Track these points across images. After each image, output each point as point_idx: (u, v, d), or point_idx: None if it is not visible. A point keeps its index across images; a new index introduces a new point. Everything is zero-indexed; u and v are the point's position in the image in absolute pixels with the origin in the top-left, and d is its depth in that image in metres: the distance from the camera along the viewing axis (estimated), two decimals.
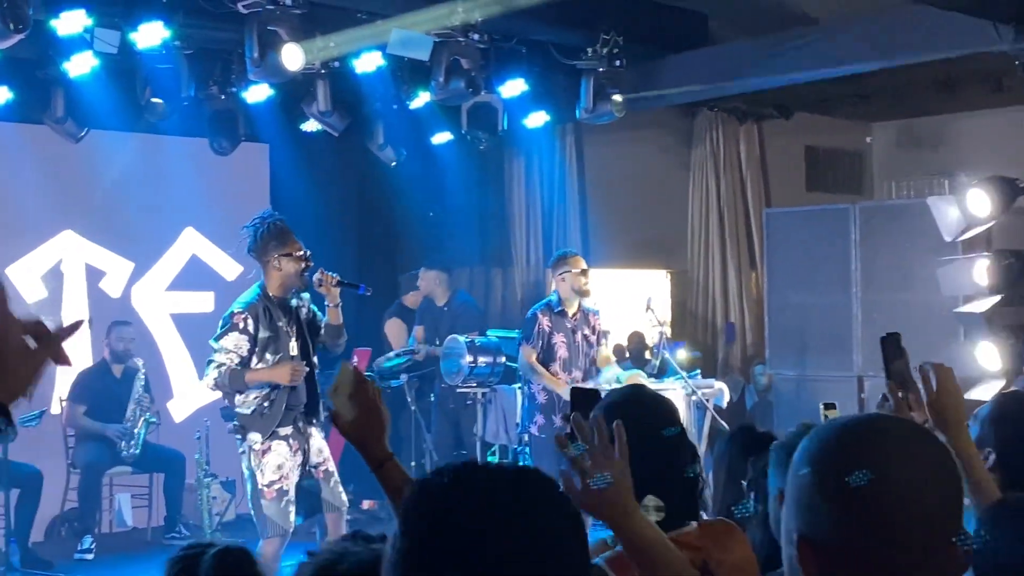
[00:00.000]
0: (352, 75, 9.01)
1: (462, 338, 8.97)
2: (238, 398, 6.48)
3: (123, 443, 8.84)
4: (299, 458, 6.53)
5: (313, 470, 6.59)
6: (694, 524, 2.86)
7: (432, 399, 9.83)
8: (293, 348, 6.60)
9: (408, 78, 9.36)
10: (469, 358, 8.94)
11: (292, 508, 6.43)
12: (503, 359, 9.01)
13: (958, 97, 12.13)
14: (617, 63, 9.31)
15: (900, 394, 3.20)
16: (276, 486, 6.40)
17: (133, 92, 8.79)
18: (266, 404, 6.43)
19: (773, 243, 10.00)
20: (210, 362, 6.44)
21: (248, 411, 6.44)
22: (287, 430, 6.48)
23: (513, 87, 9.48)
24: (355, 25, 8.49)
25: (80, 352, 9.11)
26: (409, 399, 9.46)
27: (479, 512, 1.43)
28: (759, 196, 13.38)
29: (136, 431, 8.87)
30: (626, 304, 11.29)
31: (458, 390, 9.20)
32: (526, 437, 8.44)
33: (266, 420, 6.42)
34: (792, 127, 13.63)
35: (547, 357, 8.14)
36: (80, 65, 8.10)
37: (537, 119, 10.27)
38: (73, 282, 9.68)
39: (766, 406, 9.96)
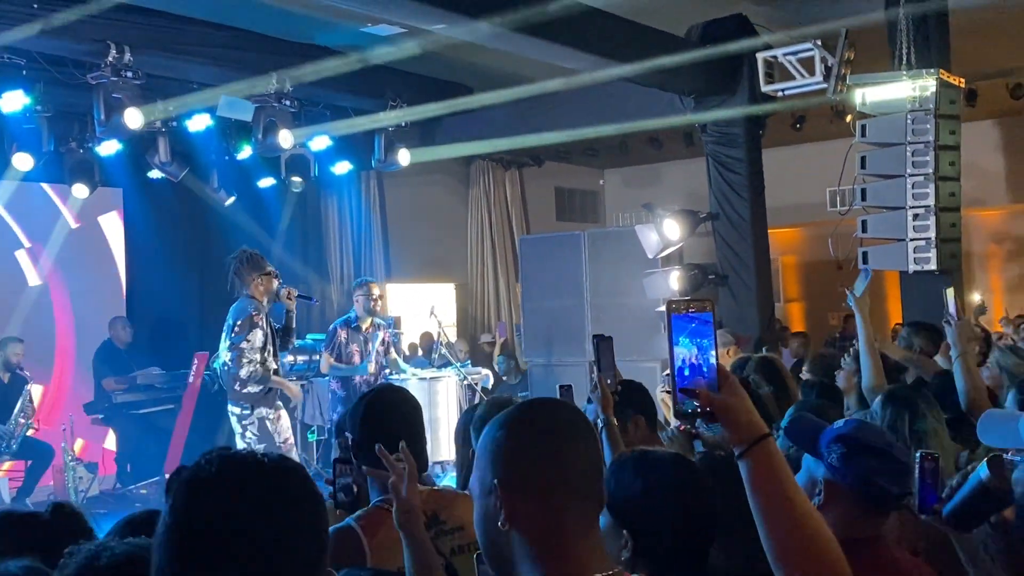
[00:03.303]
0: (187, 132, 8.70)
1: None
2: (251, 386, 6.51)
3: (3, 444, 8.27)
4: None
5: (283, 444, 6.66)
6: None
7: None
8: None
9: (234, 134, 9.10)
10: (291, 357, 8.80)
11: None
12: (318, 357, 8.82)
13: (663, 150, 12.55)
14: (402, 124, 9.27)
15: (609, 382, 3.27)
16: (290, 442, 6.71)
17: (2, 146, 8.28)
18: (268, 387, 6.61)
19: (526, 261, 10.09)
20: (240, 355, 6.43)
21: (256, 390, 6.50)
22: (280, 405, 6.75)
23: (320, 142, 9.32)
24: (189, 92, 8.24)
25: None
26: None
27: (237, 497, 1.34)
28: (521, 225, 13.54)
29: (17, 433, 8.31)
30: (420, 311, 11.23)
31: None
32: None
33: (269, 398, 6.58)
34: (544, 172, 13.86)
35: (343, 361, 8.00)
36: None
37: (342, 167, 10.13)
38: None
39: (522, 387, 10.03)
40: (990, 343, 5.52)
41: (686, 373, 1.50)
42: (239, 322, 6.52)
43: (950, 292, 4.03)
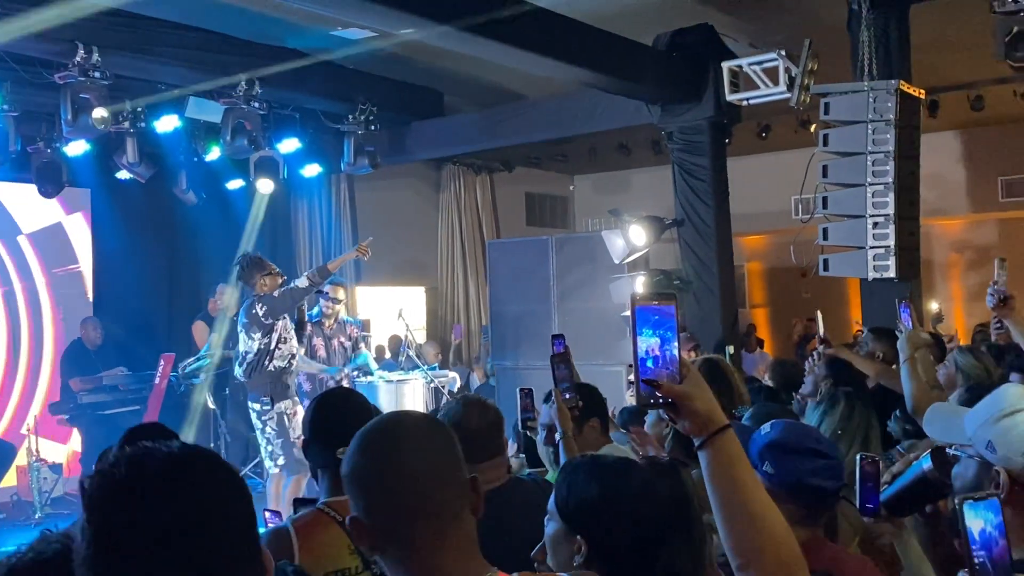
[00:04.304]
0: (155, 133, 8.67)
1: None
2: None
3: None
4: None
5: (297, 440, 6.80)
6: None
7: (226, 392, 9.50)
8: None
9: (203, 136, 9.06)
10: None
11: None
12: None
13: (632, 156, 12.63)
14: (372, 128, 9.28)
15: (568, 396, 3.31)
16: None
17: None
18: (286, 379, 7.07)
19: (494, 265, 10.10)
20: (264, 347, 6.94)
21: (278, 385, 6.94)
22: (298, 400, 7.15)
23: (289, 144, 9.31)
24: (157, 93, 8.22)
25: None
26: (207, 393, 9.11)
27: (151, 496, 1.27)
28: (491, 230, 13.56)
29: None
30: (390, 314, 11.22)
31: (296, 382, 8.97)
32: None
33: (287, 392, 7.03)
34: (514, 178, 13.90)
35: (310, 356, 8.00)
36: None
37: (312, 170, 10.12)
38: None
39: (489, 390, 10.03)
40: (943, 348, 5.62)
41: (649, 364, 1.52)
42: (261, 315, 6.94)
43: (903, 302, 4.11)
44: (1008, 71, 6.87)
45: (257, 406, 6.92)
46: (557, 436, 3.32)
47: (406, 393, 8.43)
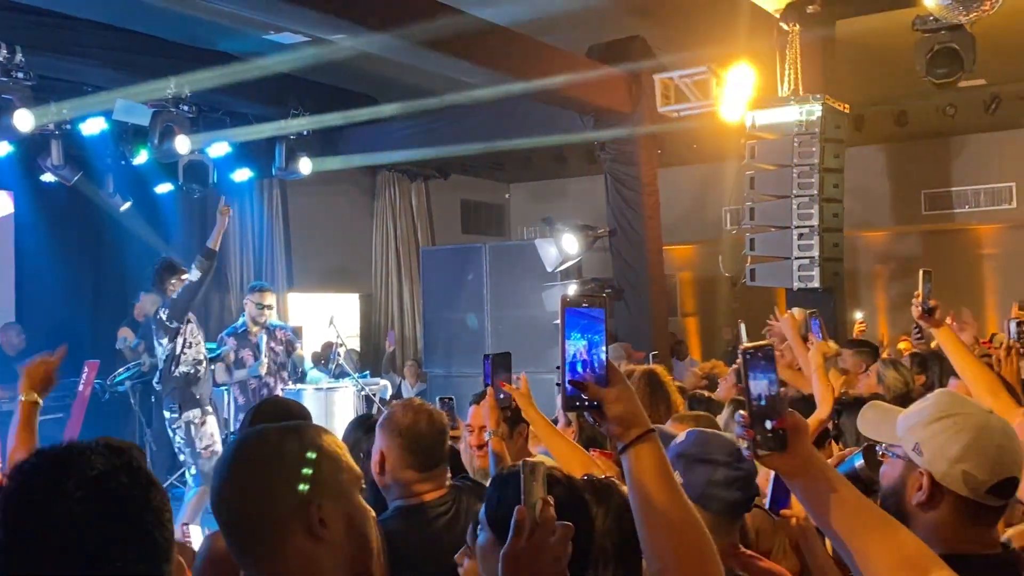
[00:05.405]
0: (81, 136, 8.51)
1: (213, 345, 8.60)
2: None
3: None
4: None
5: (203, 451, 6.79)
6: None
7: (152, 400, 9.31)
8: None
9: (131, 139, 8.91)
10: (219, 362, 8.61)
11: None
12: (212, 368, 8.66)
13: (568, 166, 12.74)
14: (305, 133, 9.22)
15: (501, 396, 3.30)
16: (211, 449, 6.79)
17: None
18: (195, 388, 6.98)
19: (428, 273, 10.12)
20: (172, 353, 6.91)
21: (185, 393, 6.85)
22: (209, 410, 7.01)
23: (219, 148, 9.20)
24: (83, 95, 8.07)
25: None
26: (133, 401, 8.96)
27: (62, 502, 1.30)
28: (427, 237, 13.56)
29: None
30: (323, 321, 11.13)
31: (210, 389, 8.78)
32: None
33: (197, 400, 6.91)
34: (450, 185, 13.92)
35: (238, 367, 7.89)
36: None
37: (242, 174, 10.01)
38: None
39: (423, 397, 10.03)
40: (877, 354, 5.78)
41: (577, 367, 1.54)
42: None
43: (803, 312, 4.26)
44: (931, 87, 7.11)
45: (167, 414, 6.82)
46: (486, 435, 3.30)
47: (336, 401, 8.38)
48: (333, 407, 8.28)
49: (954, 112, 10.62)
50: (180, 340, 6.91)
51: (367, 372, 9.22)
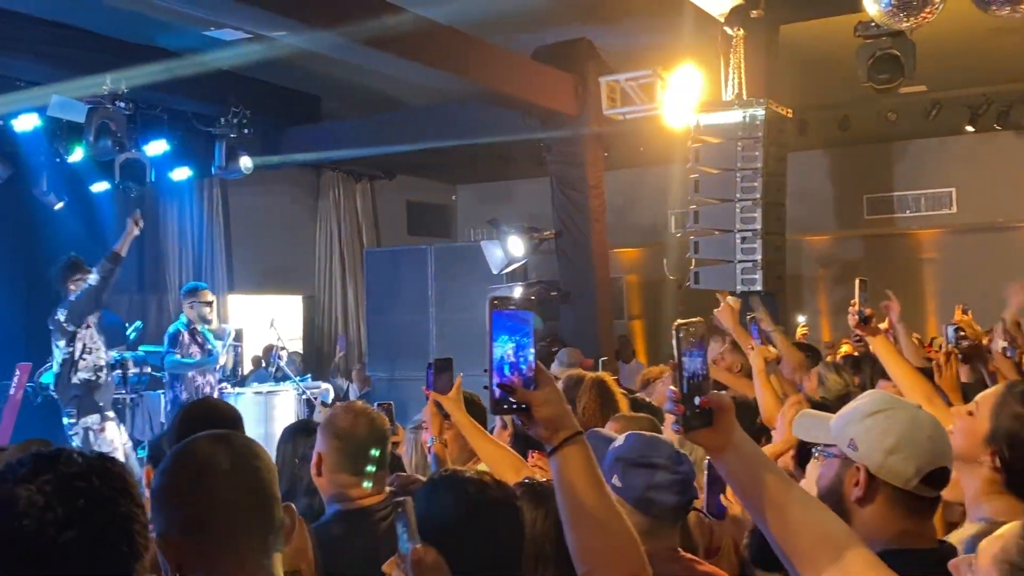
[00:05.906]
0: (12, 132, 8.29)
1: (115, 353, 8.39)
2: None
3: None
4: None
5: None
6: None
7: None
8: None
9: (65, 136, 8.69)
10: (119, 370, 8.45)
11: None
12: (149, 369, 8.52)
13: (514, 167, 12.71)
14: (245, 131, 9.10)
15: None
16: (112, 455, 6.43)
17: None
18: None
19: (372, 275, 10.04)
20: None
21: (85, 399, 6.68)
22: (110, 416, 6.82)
23: (157, 146, 9.04)
24: (15, 90, 7.86)
25: None
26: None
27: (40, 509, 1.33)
28: (372, 238, 13.45)
29: None
30: (264, 323, 10.98)
31: (111, 395, 8.59)
32: None
33: (96, 406, 6.75)
34: (396, 186, 13.83)
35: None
36: None
37: (181, 173, 9.84)
38: None
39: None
40: (819, 357, 5.85)
41: (505, 370, 1.53)
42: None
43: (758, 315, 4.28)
44: (872, 93, 7.21)
45: (65, 419, 6.62)
46: (428, 441, 3.27)
47: (277, 405, 8.27)
48: (273, 411, 8.17)
49: (895, 118, 10.80)
50: (79, 345, 6.73)
51: (308, 376, 9.11)
